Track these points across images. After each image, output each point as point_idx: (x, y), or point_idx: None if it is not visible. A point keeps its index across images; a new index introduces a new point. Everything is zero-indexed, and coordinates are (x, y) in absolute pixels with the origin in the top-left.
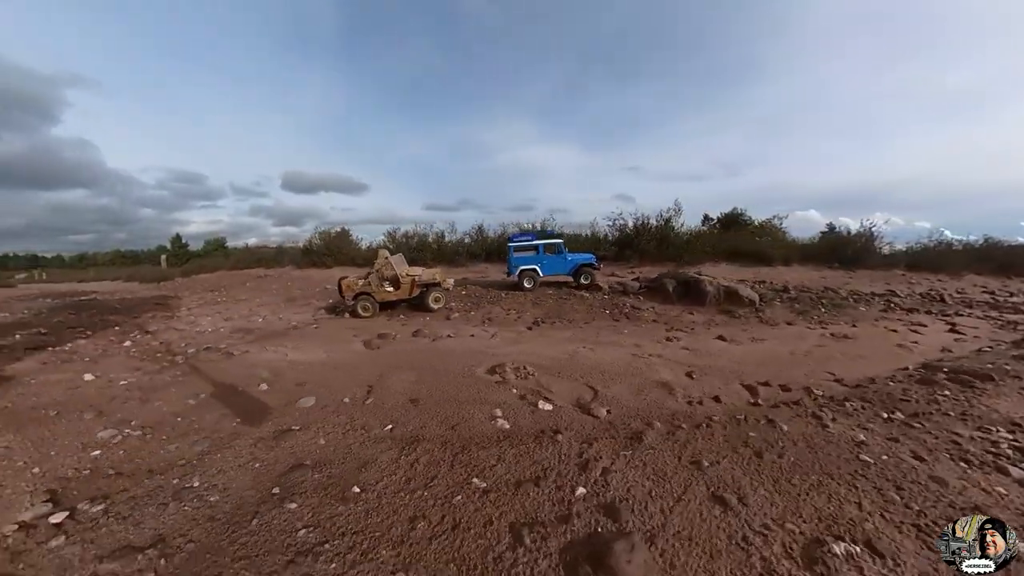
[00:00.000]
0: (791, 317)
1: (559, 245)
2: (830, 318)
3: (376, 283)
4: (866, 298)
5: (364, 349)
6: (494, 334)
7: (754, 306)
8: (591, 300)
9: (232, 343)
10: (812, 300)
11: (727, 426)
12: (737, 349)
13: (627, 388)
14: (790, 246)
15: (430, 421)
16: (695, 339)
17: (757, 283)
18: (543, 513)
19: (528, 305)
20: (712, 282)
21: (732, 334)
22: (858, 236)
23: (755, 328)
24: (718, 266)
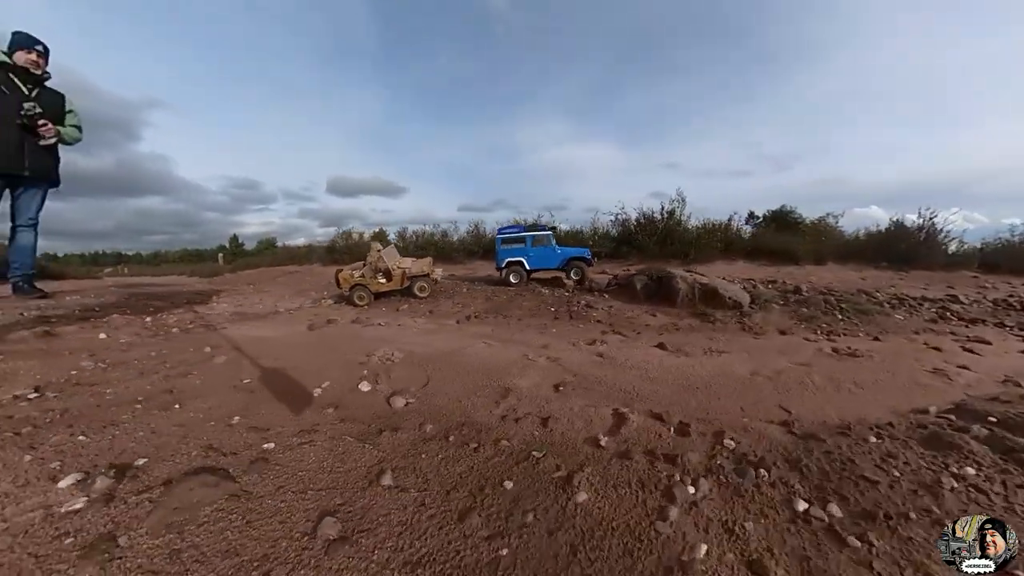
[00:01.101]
0: (788, 324)
1: (548, 237)
2: (846, 327)
3: (370, 275)
4: (912, 303)
5: (306, 331)
6: (420, 326)
7: (739, 309)
8: (546, 296)
9: (222, 322)
10: (828, 304)
11: (474, 464)
12: (673, 362)
13: (465, 386)
14: (823, 241)
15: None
16: (626, 346)
17: (767, 283)
18: None
19: (480, 300)
20: (687, 279)
21: (685, 343)
22: (914, 229)
23: (727, 337)
24: (733, 264)
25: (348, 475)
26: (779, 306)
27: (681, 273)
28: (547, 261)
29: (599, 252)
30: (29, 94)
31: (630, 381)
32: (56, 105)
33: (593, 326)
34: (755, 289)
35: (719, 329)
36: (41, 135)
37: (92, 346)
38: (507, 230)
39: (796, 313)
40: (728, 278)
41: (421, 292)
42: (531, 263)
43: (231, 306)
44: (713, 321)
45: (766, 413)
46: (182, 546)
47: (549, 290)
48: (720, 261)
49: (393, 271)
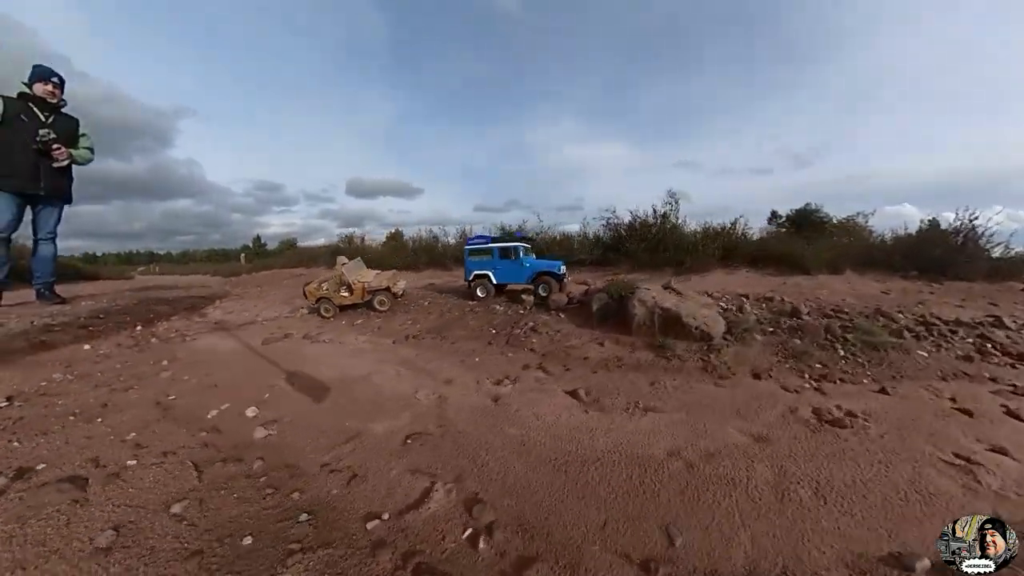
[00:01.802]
0: (768, 364)
1: (515, 248)
2: (846, 369)
3: (334, 288)
4: (942, 331)
5: (260, 344)
6: (357, 344)
7: (708, 342)
8: (498, 315)
9: (200, 332)
10: (830, 334)
11: (249, 510)
12: (574, 421)
13: (328, 424)
14: (843, 245)
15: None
16: (539, 389)
17: (762, 300)
18: None
19: (434, 316)
20: (646, 302)
21: (611, 389)
22: (949, 232)
23: (677, 382)
24: (733, 274)
25: (158, 497)
26: (763, 336)
27: (642, 294)
28: (514, 275)
29: (582, 260)
30: (46, 121)
31: (496, 445)
32: (71, 129)
33: (523, 356)
34: (739, 312)
35: (672, 369)
36: (55, 158)
37: (73, 357)
38: (474, 240)
39: (784, 346)
40: (717, 294)
41: (381, 306)
42: (498, 277)
43: (222, 313)
44: (670, 357)
45: (634, 537)
46: (18, 534)
47: (505, 307)
48: (719, 270)
49: (354, 285)
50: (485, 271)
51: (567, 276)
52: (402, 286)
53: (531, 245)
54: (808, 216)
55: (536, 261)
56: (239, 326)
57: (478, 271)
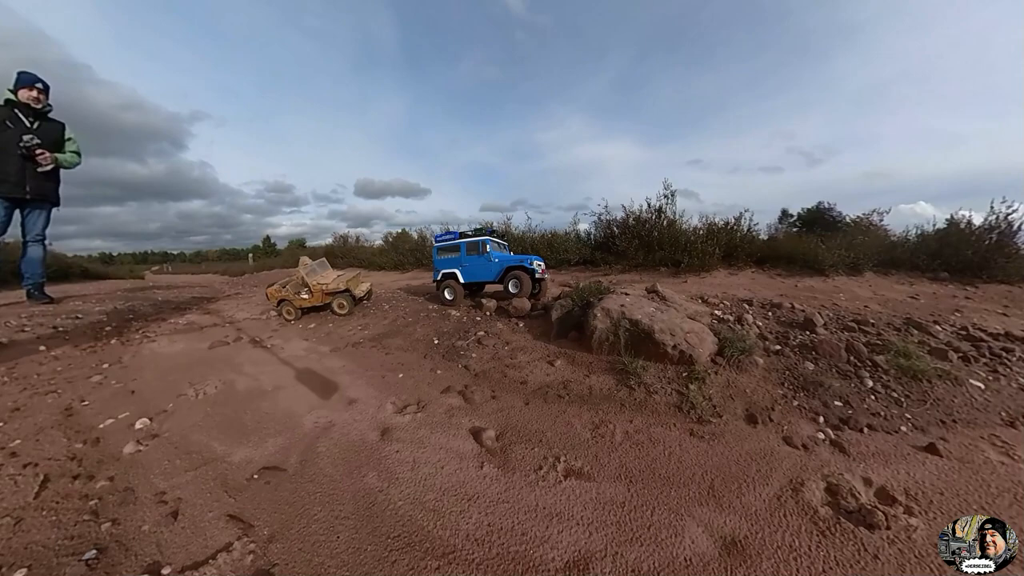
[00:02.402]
0: (770, 399)
1: (482, 243)
2: (876, 409)
3: (293, 291)
4: (993, 349)
5: (205, 348)
6: (293, 351)
7: (690, 365)
8: (450, 321)
9: (164, 333)
10: (854, 355)
11: None
12: (447, 478)
13: (187, 424)
14: (859, 245)
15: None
16: (445, 423)
17: (768, 307)
18: None
19: (388, 320)
20: (611, 312)
21: (529, 433)
22: (983, 229)
23: (635, 425)
24: (737, 275)
25: None
26: (766, 358)
27: (608, 301)
28: (482, 272)
29: (568, 260)
30: (31, 126)
31: (342, 498)
32: (56, 134)
33: (453, 375)
34: (737, 323)
35: (633, 405)
36: (40, 163)
37: (23, 358)
38: (442, 238)
39: (792, 373)
40: (714, 299)
41: (340, 309)
42: (465, 275)
43: (201, 314)
44: (634, 386)
45: None
46: None
47: (463, 312)
48: (722, 271)
49: (312, 287)
50: (452, 270)
51: (545, 273)
52: (364, 288)
53: (504, 241)
54: (821, 215)
55: (506, 256)
56: (202, 328)
57: (445, 270)
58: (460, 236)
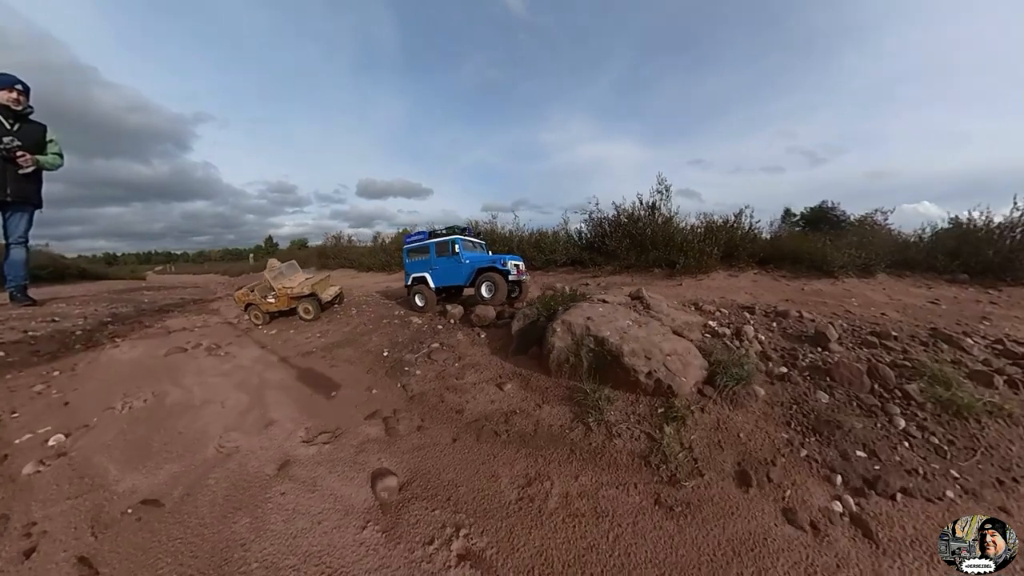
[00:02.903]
0: (771, 447)
1: (451, 243)
2: (911, 463)
3: (260, 295)
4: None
5: (161, 356)
6: (242, 359)
7: (669, 397)
8: (410, 330)
9: (133, 338)
10: (878, 381)
11: None
12: (306, 542)
13: (100, 442)
14: (869, 244)
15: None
16: (351, 457)
17: (772, 315)
18: None
19: (349, 327)
20: (574, 327)
21: (448, 477)
22: (1007, 226)
23: (587, 484)
24: (738, 277)
25: None
26: (768, 386)
27: (572, 313)
28: (453, 275)
29: (554, 261)
30: (11, 128)
31: (195, 551)
32: (38, 136)
33: (388, 395)
34: (735, 338)
35: (588, 452)
36: (20, 165)
37: None
38: (412, 238)
39: (801, 408)
40: (710, 306)
41: (306, 314)
42: (436, 279)
43: (179, 316)
44: (593, 424)
45: None
46: None
47: (425, 319)
48: (721, 272)
49: (278, 291)
50: (423, 273)
51: (523, 275)
52: (333, 292)
53: (482, 239)
54: (824, 214)
55: (478, 256)
56: (170, 333)
57: (415, 274)
58: (430, 236)
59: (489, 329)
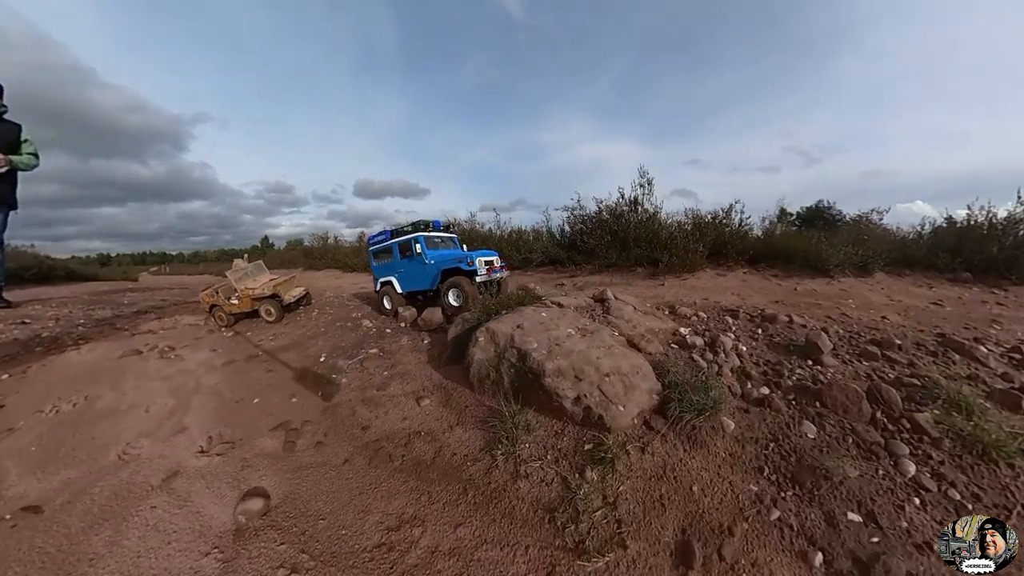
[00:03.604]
0: (730, 507)
1: (413, 241)
2: (925, 530)
3: (224, 295)
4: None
5: (116, 358)
6: (188, 363)
7: (601, 427)
8: (352, 334)
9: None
10: (882, 412)
11: None
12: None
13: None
14: (869, 242)
15: None
16: (206, 485)
17: (759, 320)
18: None
19: (300, 331)
20: (498, 338)
21: (313, 509)
22: (1011, 222)
23: (470, 536)
24: (726, 276)
25: None
26: (741, 416)
27: (500, 321)
28: (419, 279)
29: (529, 260)
30: None
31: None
32: (11, 136)
33: (306, 406)
34: (709, 348)
35: (485, 494)
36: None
37: None
38: (375, 238)
39: (780, 447)
40: (687, 309)
41: (268, 316)
42: (402, 283)
43: (152, 319)
44: (500, 457)
45: None
46: None
47: (375, 323)
48: (709, 271)
49: (241, 293)
50: (389, 277)
51: (497, 271)
52: (296, 293)
53: (454, 233)
54: (820, 213)
55: (443, 254)
56: (134, 335)
57: (383, 278)
58: (392, 235)
59: (435, 333)
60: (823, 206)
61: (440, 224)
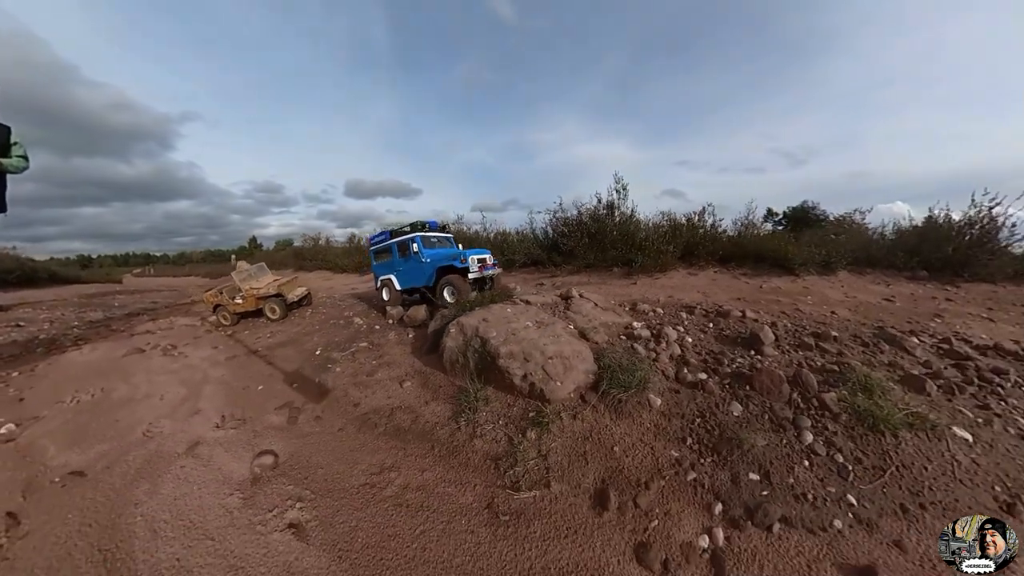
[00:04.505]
0: (650, 466)
1: (410, 241)
2: (807, 489)
3: (229, 295)
4: (983, 372)
5: (119, 356)
6: (191, 359)
7: (543, 399)
8: (344, 331)
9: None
10: (799, 394)
11: None
12: None
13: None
14: (832, 242)
15: None
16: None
17: (714, 315)
18: None
19: (297, 328)
20: (466, 328)
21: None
22: (963, 224)
23: (433, 478)
24: (697, 275)
25: None
26: (671, 395)
27: (469, 316)
28: (416, 276)
29: (512, 261)
30: None
31: None
32: (1, 138)
33: (306, 390)
34: (655, 340)
35: (448, 449)
36: None
37: None
38: (376, 239)
39: (705, 422)
40: (646, 306)
41: (272, 314)
42: (401, 281)
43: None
44: (463, 423)
45: None
46: None
47: (366, 321)
48: (681, 270)
49: (245, 292)
50: (389, 276)
51: (489, 268)
52: (299, 292)
53: (449, 233)
54: (805, 213)
55: (438, 253)
56: (132, 335)
57: (383, 276)
58: (391, 235)
59: (419, 329)
60: (808, 206)
61: (436, 224)
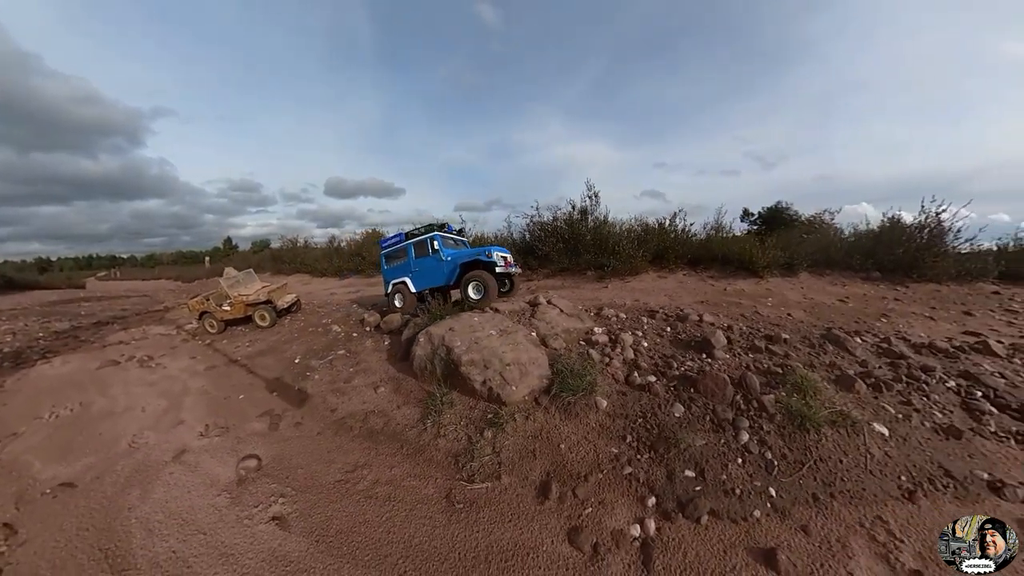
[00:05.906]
0: (590, 461)
1: (430, 240)
2: (735, 483)
3: (216, 302)
4: (913, 370)
5: (93, 368)
6: (170, 370)
7: (500, 402)
8: (324, 338)
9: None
10: (742, 396)
11: None
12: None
13: None
14: (794, 245)
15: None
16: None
17: (673, 319)
18: None
19: (279, 336)
20: (433, 337)
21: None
22: (914, 228)
23: (400, 473)
24: (666, 279)
25: None
26: (618, 397)
27: (438, 325)
28: (435, 276)
29: None
30: None
31: None
32: None
33: (286, 397)
34: (612, 345)
35: (415, 448)
36: None
37: None
38: (388, 241)
39: (647, 422)
40: (610, 310)
41: (262, 321)
42: (416, 282)
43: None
44: (429, 424)
45: None
46: None
47: (343, 328)
48: (652, 273)
49: (234, 300)
50: (402, 278)
51: (511, 267)
52: (289, 299)
53: (462, 236)
54: (779, 213)
55: (459, 252)
56: (104, 347)
57: (396, 280)
58: (406, 237)
59: (394, 335)
60: (782, 206)
61: (453, 228)
